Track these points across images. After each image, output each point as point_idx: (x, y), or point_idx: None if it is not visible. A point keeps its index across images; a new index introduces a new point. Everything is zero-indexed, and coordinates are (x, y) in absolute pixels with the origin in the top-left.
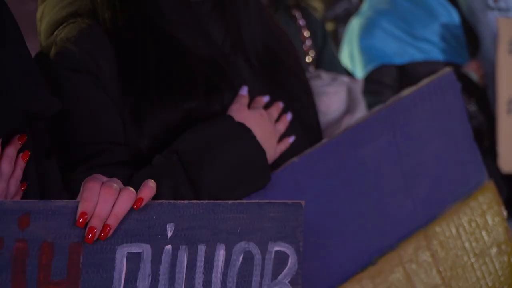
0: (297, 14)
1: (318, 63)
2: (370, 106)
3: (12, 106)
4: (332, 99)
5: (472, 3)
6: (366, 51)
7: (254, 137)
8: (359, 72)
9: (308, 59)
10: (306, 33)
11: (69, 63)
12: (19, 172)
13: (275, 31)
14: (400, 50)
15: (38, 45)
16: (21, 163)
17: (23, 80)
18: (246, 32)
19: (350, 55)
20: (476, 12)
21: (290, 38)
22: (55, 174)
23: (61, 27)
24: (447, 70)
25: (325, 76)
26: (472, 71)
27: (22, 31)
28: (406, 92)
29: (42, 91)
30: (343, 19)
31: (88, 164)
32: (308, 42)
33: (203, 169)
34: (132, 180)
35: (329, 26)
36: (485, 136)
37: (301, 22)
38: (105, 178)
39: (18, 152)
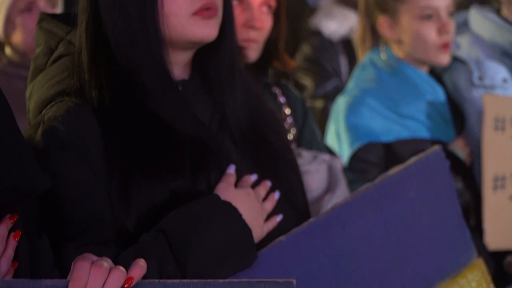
0: (278, 91)
1: (299, 140)
2: (355, 184)
3: (2, 183)
4: (313, 178)
5: (457, 81)
6: (353, 129)
7: (240, 216)
8: (346, 150)
9: (290, 136)
10: (287, 111)
11: (56, 142)
12: (10, 252)
13: (262, 110)
14: (386, 128)
15: (27, 123)
16: (12, 243)
17: (13, 158)
18: (232, 112)
19: (336, 133)
20: (461, 89)
21: (277, 117)
22: (47, 253)
23: (49, 105)
24: (436, 148)
25: (306, 154)
26: (459, 148)
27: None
28: (394, 170)
29: (32, 169)
30: (333, 97)
31: (74, 242)
32: (289, 120)
33: (189, 248)
34: (119, 259)
35: (319, 104)
36: (472, 214)
37: (282, 99)
38: (95, 257)
39: (10, 231)
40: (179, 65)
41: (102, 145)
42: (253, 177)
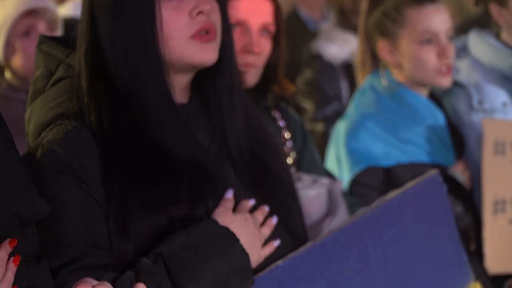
0: (277, 115)
1: (299, 164)
2: (355, 207)
3: (2, 210)
4: (313, 202)
5: (457, 105)
6: (353, 153)
7: (238, 240)
8: (346, 174)
9: (289, 160)
10: (287, 134)
11: (55, 165)
12: (10, 276)
13: (262, 134)
14: (386, 152)
15: (26, 146)
16: (12, 267)
17: (12, 184)
18: (232, 136)
19: (336, 157)
20: (461, 113)
21: (276, 141)
22: (47, 278)
23: (48, 128)
24: (433, 172)
25: (306, 178)
26: (459, 172)
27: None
28: (392, 194)
29: (31, 195)
30: (333, 120)
31: (72, 266)
32: (289, 143)
33: (187, 273)
34: (118, 283)
35: (319, 127)
36: (472, 237)
37: (281, 123)
38: (95, 282)
39: (9, 256)
40: (178, 88)
41: (101, 169)
42: (251, 202)
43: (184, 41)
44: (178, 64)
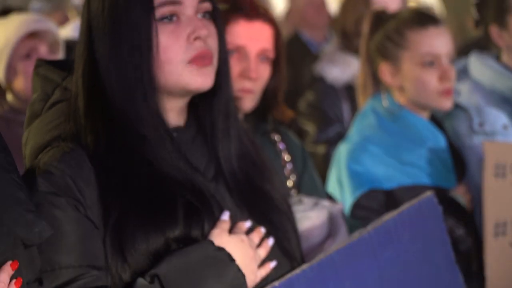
0: (277, 138)
1: (299, 186)
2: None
3: (3, 233)
4: (314, 224)
5: (458, 128)
6: (355, 176)
7: (234, 261)
8: (348, 197)
9: (290, 183)
10: (287, 157)
11: (51, 186)
12: None
13: (256, 158)
14: (388, 175)
15: (23, 168)
16: None
17: (14, 206)
18: (227, 160)
19: (338, 180)
20: (462, 136)
21: (272, 166)
22: None
23: (45, 151)
24: (428, 194)
25: (307, 201)
26: (460, 195)
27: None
28: (387, 216)
29: (33, 217)
30: (335, 142)
31: (69, 287)
32: (289, 166)
33: None
34: None
35: (321, 149)
36: (473, 260)
37: (281, 146)
38: None
39: (11, 279)
40: (174, 111)
41: (97, 191)
42: (247, 224)
43: (181, 66)
44: (174, 89)
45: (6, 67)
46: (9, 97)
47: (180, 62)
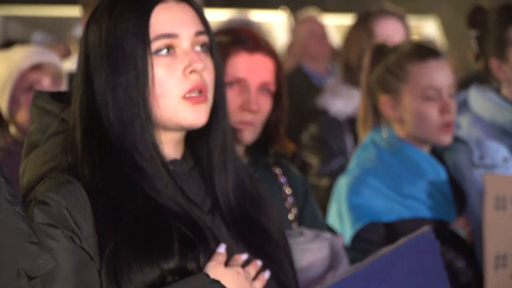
0: (278, 171)
1: (301, 219)
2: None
3: (7, 265)
4: (315, 256)
5: (458, 161)
6: (355, 209)
7: None
8: (348, 230)
9: (291, 216)
10: (288, 190)
11: (47, 218)
12: None
13: (253, 191)
14: (388, 208)
15: (20, 198)
16: None
17: (18, 240)
18: (223, 193)
19: (338, 213)
20: (462, 169)
21: (269, 199)
22: None
23: (41, 182)
24: (426, 228)
25: (308, 233)
26: (460, 227)
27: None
28: (385, 250)
29: (36, 250)
30: (338, 175)
31: None
32: (290, 199)
33: None
34: None
35: (324, 182)
36: None
37: (282, 179)
38: None
39: None
40: (170, 144)
41: (93, 222)
42: (244, 257)
43: (176, 100)
44: (169, 123)
45: (9, 99)
46: (12, 129)
47: (176, 97)
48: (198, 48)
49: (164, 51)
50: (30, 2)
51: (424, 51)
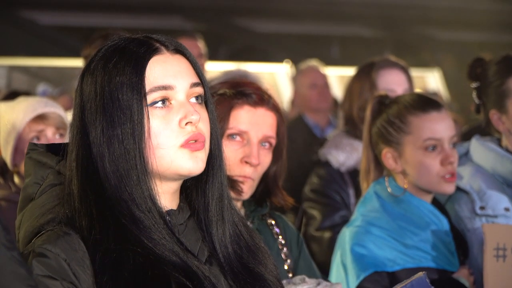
0: (272, 222)
1: (295, 271)
2: None
3: None
4: None
5: (460, 211)
6: (359, 259)
7: None
8: (352, 280)
9: (285, 266)
10: (282, 241)
11: (46, 270)
12: None
13: (249, 241)
14: (391, 258)
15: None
16: None
17: (16, 283)
18: (221, 242)
19: (342, 263)
20: (464, 219)
21: (265, 248)
22: None
23: (39, 234)
24: (420, 274)
25: (310, 280)
26: (463, 277)
27: None
28: None
29: None
30: (341, 228)
31: None
32: (284, 250)
33: None
34: None
35: (327, 234)
36: None
37: (277, 230)
38: None
39: None
40: (167, 194)
41: (92, 274)
42: None
43: (173, 150)
44: (166, 173)
45: (13, 150)
46: (16, 180)
47: (173, 147)
48: (193, 100)
49: (160, 103)
50: (35, 54)
51: (425, 102)
